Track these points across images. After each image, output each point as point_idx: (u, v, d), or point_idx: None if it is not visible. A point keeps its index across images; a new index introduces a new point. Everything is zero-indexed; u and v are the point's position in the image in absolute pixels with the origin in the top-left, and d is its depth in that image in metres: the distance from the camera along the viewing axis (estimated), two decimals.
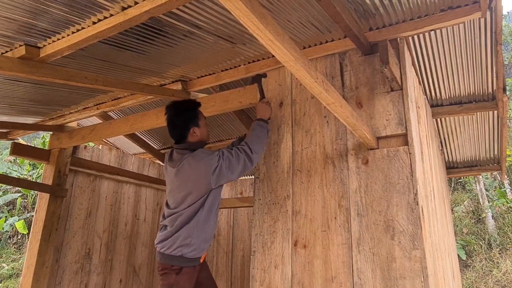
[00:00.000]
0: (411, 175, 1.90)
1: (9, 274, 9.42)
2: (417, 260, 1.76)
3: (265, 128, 2.24)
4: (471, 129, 3.83)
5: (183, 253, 2.07)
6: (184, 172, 2.15)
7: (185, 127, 2.22)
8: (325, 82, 1.47)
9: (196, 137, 2.24)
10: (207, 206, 2.13)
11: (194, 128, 2.23)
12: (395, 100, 2.06)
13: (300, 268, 2.05)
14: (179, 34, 2.21)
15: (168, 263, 2.09)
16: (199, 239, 2.10)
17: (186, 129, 2.22)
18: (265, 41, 1.16)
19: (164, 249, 2.10)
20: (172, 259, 2.09)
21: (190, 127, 2.22)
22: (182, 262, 2.08)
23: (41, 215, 3.61)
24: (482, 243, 8.49)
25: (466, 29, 2.37)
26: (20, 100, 3.16)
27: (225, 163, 2.07)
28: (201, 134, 2.26)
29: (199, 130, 2.24)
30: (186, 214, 2.11)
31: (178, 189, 2.17)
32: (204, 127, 2.30)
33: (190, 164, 2.13)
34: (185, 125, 2.22)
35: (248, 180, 5.30)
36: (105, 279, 4.13)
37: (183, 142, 2.25)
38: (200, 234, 2.11)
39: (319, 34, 2.26)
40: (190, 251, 2.08)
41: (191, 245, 2.08)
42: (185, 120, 2.23)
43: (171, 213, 2.18)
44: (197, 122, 2.25)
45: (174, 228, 2.11)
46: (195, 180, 2.11)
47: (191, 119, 2.24)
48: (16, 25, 1.95)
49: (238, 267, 4.98)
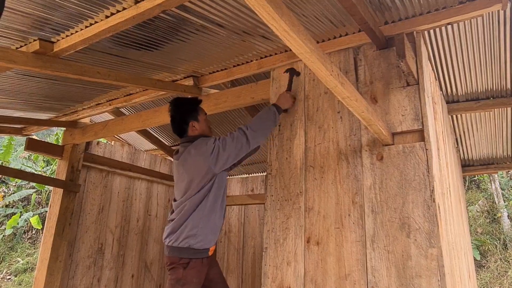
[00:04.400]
0: (427, 171, 1.85)
1: (24, 268, 9.60)
2: (434, 258, 1.72)
3: (272, 111, 2.22)
4: (488, 126, 3.74)
5: (190, 244, 2.09)
6: (186, 160, 2.22)
7: (185, 121, 2.32)
8: (340, 75, 1.44)
9: (196, 131, 2.32)
10: (212, 196, 2.16)
11: (194, 122, 2.31)
12: (411, 95, 2.02)
13: (313, 265, 2.02)
14: (191, 28, 2.20)
15: (177, 256, 2.11)
16: (206, 229, 2.13)
17: (186, 123, 2.32)
18: (280, 32, 1.13)
19: (172, 241, 2.13)
20: (180, 251, 2.11)
21: (189, 121, 2.31)
22: (190, 254, 2.10)
23: (55, 210, 3.66)
24: (497, 243, 8.32)
25: (485, 23, 2.30)
26: (34, 95, 3.20)
27: (221, 143, 2.14)
28: (200, 129, 2.34)
29: (198, 125, 2.33)
30: (190, 204, 2.14)
31: (182, 179, 2.23)
32: (204, 122, 2.37)
33: (190, 152, 2.22)
34: (184, 119, 2.32)
35: (259, 177, 5.28)
36: (117, 274, 4.16)
37: (184, 136, 2.35)
38: (206, 224, 2.13)
39: (333, 28, 2.22)
40: (197, 242, 2.10)
41: (197, 235, 2.10)
42: (184, 115, 2.32)
43: (177, 205, 2.23)
44: (196, 117, 2.33)
45: (180, 219, 2.15)
46: (196, 165, 2.16)
47: (190, 113, 2.33)
48: (30, 19, 1.96)
49: (249, 264, 4.97)
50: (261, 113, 2.25)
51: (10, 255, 10.13)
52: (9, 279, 9.37)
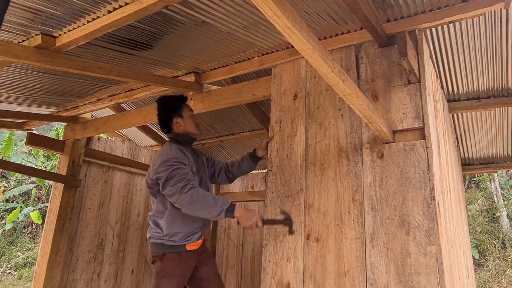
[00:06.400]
0: (427, 169, 1.86)
1: (24, 263, 9.63)
2: (433, 256, 1.72)
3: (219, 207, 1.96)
4: (489, 125, 3.74)
5: (162, 241, 2.15)
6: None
7: (169, 118, 2.34)
8: (342, 73, 1.44)
9: (180, 127, 2.34)
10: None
11: (177, 119, 2.33)
12: (412, 93, 2.02)
13: (312, 262, 2.03)
14: (192, 24, 2.20)
15: (155, 251, 2.18)
16: (173, 226, 2.14)
17: (169, 119, 2.34)
18: (283, 28, 1.13)
19: (149, 238, 2.22)
20: (156, 246, 2.18)
21: (173, 117, 2.33)
22: (165, 249, 2.15)
23: (55, 205, 3.67)
24: (496, 242, 8.34)
25: (487, 21, 2.30)
26: (35, 90, 3.20)
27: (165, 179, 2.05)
28: (185, 125, 2.35)
29: (182, 121, 2.34)
30: (157, 202, 2.21)
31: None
32: (188, 119, 2.37)
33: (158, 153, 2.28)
34: (168, 115, 2.35)
35: (259, 174, 5.29)
36: (117, 269, 4.18)
37: (170, 132, 2.37)
38: (172, 221, 2.14)
39: (335, 25, 2.22)
40: (168, 239, 2.14)
41: (165, 233, 2.14)
42: (168, 111, 2.35)
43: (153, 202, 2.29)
44: (180, 113, 2.35)
45: (152, 216, 2.23)
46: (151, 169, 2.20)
47: (174, 110, 2.35)
48: (33, 14, 1.96)
49: (248, 261, 4.99)
50: (215, 197, 2.00)
51: (10, 249, 10.16)
52: (9, 274, 9.41)
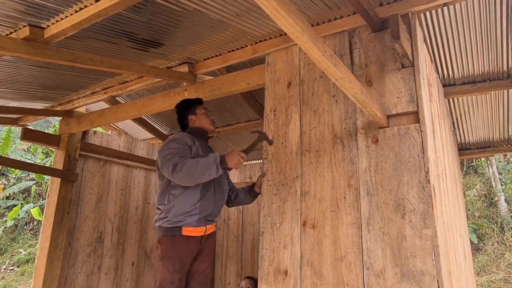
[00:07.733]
0: (422, 153, 1.85)
1: (26, 259, 9.68)
2: (428, 238, 1.73)
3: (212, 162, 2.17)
4: (485, 109, 3.73)
5: (161, 224, 2.32)
6: None
7: (184, 116, 2.60)
8: (333, 56, 1.42)
9: (194, 123, 2.57)
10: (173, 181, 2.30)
11: (191, 116, 2.58)
12: (406, 77, 2.00)
13: (309, 248, 2.03)
14: (183, 12, 2.17)
15: (159, 236, 2.35)
16: (173, 211, 2.28)
17: (185, 117, 2.59)
18: (270, 11, 1.12)
19: (154, 222, 2.40)
20: (158, 230, 2.37)
21: (187, 115, 2.58)
22: (162, 232, 2.32)
23: (53, 199, 3.66)
24: (494, 227, 8.40)
25: (481, 4, 2.28)
26: (28, 84, 3.17)
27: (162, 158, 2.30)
28: (199, 121, 2.57)
29: (196, 117, 2.57)
30: (161, 188, 2.41)
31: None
32: (202, 115, 2.59)
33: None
34: (183, 114, 2.61)
35: (257, 164, 5.29)
36: (117, 262, 4.19)
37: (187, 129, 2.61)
38: (173, 205, 2.29)
39: (328, 10, 2.20)
40: (165, 221, 2.29)
41: (165, 216, 2.30)
42: (183, 111, 2.62)
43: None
44: (193, 111, 2.59)
45: (157, 202, 2.41)
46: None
47: (188, 108, 2.61)
48: (19, 4, 1.93)
49: (248, 250, 5.01)
50: (203, 159, 2.23)
51: (12, 246, 10.20)
52: (12, 270, 9.45)
